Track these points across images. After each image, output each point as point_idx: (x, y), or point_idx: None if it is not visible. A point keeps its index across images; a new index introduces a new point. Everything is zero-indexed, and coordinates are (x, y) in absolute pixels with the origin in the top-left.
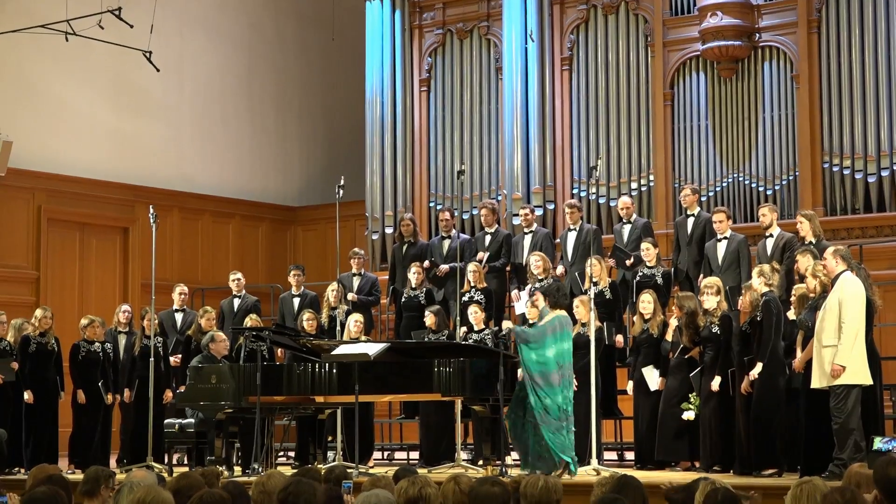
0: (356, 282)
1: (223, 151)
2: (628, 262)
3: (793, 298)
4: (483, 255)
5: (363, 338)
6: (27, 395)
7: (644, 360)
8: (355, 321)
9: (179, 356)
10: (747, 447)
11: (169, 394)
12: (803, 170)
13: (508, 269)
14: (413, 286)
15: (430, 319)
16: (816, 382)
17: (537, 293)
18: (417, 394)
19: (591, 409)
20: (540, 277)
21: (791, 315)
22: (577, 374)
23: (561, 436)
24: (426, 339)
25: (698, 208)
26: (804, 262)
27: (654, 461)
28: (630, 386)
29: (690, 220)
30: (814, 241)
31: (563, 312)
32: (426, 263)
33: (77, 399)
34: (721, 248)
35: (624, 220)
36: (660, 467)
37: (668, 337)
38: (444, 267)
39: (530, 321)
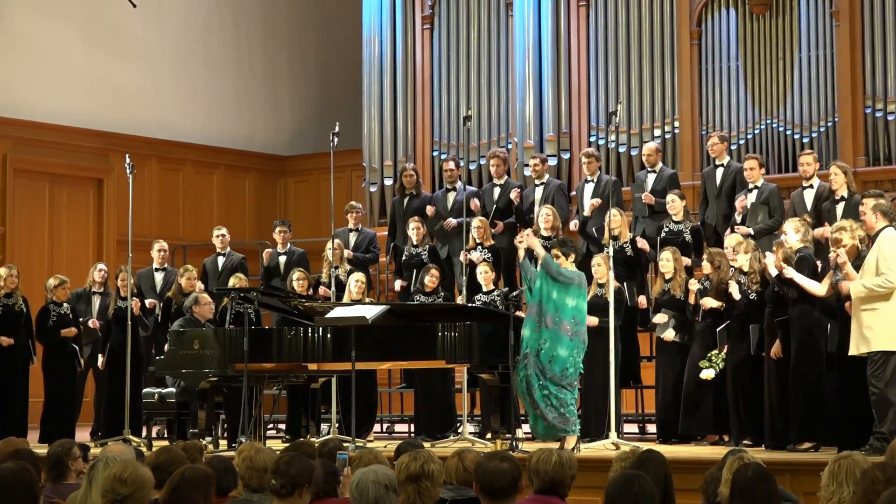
0: (353, 238)
1: (206, 95)
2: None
3: (773, 252)
4: (453, 222)
5: (367, 300)
6: None
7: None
8: (356, 281)
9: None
10: (781, 418)
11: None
12: (843, 116)
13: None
14: (414, 242)
15: (429, 279)
16: (854, 349)
17: (555, 249)
18: (420, 361)
19: (609, 376)
20: (546, 235)
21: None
22: (593, 338)
23: (564, 397)
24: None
25: (727, 157)
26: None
27: (678, 435)
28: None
29: (719, 171)
30: (846, 196)
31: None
32: (429, 210)
33: (49, 366)
34: (751, 198)
35: (648, 168)
36: (685, 441)
37: (691, 300)
38: (452, 221)
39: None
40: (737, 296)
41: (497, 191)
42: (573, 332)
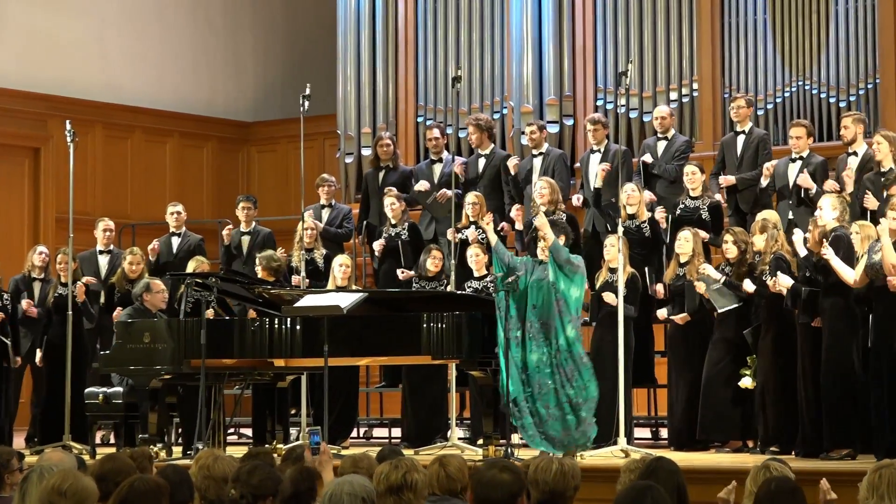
0: (325, 214)
1: (158, 53)
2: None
3: (810, 231)
4: (448, 193)
5: (354, 287)
6: None
7: (678, 312)
8: (341, 265)
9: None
10: (813, 422)
11: None
12: (886, 77)
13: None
14: (392, 221)
15: (431, 262)
16: None
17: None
18: (402, 356)
19: (618, 375)
20: (543, 210)
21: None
22: (601, 331)
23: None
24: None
25: (750, 124)
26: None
27: (695, 440)
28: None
29: (740, 139)
30: (893, 168)
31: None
32: (421, 186)
33: None
34: (794, 169)
35: (659, 134)
36: (702, 448)
37: (700, 290)
38: (447, 192)
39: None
40: (749, 289)
41: (482, 162)
42: (575, 328)
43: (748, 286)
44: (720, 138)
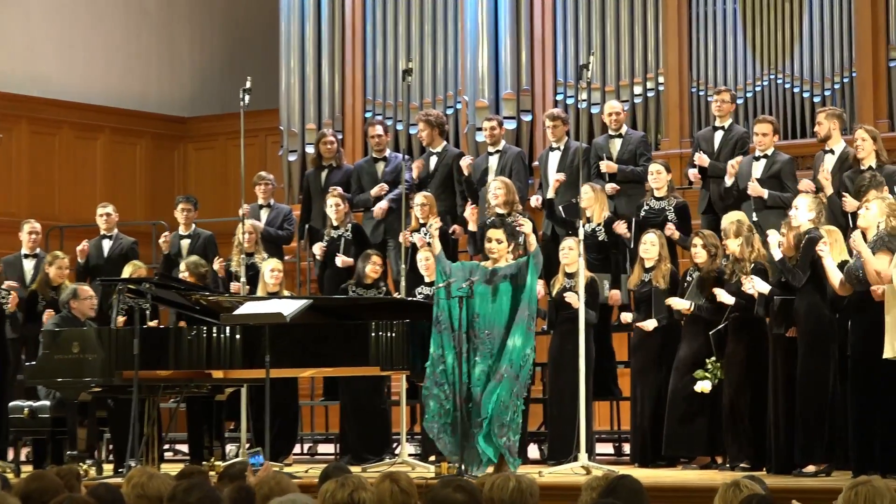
0: (264, 215)
1: (88, 44)
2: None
3: (783, 234)
4: (382, 189)
5: (286, 292)
6: None
7: (644, 319)
8: (272, 269)
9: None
10: (786, 437)
11: None
12: (862, 70)
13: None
14: (334, 223)
15: (370, 268)
16: (890, 351)
17: (498, 231)
18: (349, 367)
19: (578, 386)
20: (500, 212)
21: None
22: (560, 339)
23: (518, 408)
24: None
25: (730, 119)
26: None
27: (660, 456)
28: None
29: (718, 135)
30: (874, 167)
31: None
32: (377, 190)
33: None
34: (758, 168)
35: (612, 132)
36: (668, 464)
37: (676, 303)
38: (385, 189)
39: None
40: (727, 300)
41: (434, 161)
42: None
43: (725, 297)
44: (687, 135)
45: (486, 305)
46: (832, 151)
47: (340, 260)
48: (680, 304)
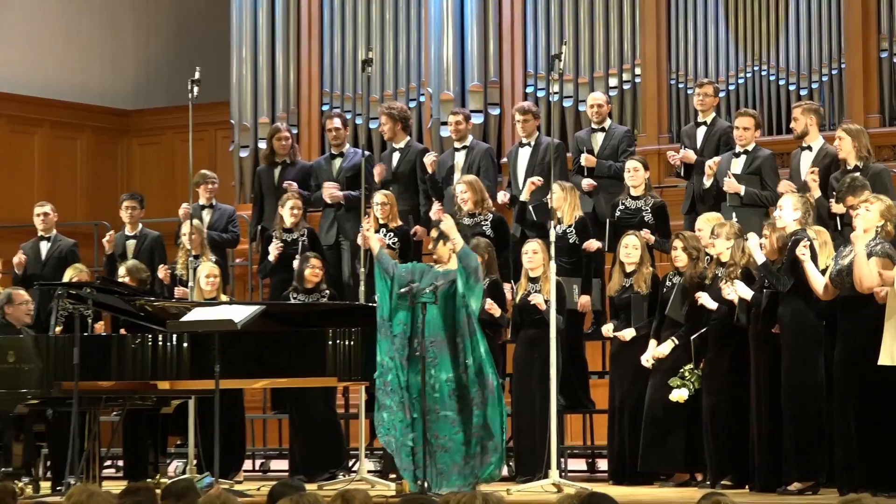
0: (207, 216)
1: (24, 31)
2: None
3: (765, 237)
4: (332, 187)
5: (223, 297)
6: None
7: (623, 328)
8: (208, 276)
9: None
10: (770, 452)
11: None
12: (852, 61)
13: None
14: (287, 225)
15: (309, 272)
16: (888, 358)
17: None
18: (304, 377)
19: (549, 398)
20: (471, 213)
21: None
22: (529, 347)
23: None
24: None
25: (713, 114)
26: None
27: (636, 473)
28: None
29: (701, 130)
30: (859, 166)
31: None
32: (329, 193)
33: None
34: (738, 165)
35: (594, 125)
36: (645, 482)
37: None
38: (336, 193)
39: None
40: (710, 305)
41: (396, 157)
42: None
43: (708, 302)
44: (665, 130)
45: (431, 311)
46: (810, 148)
47: (275, 248)
48: (709, 301)
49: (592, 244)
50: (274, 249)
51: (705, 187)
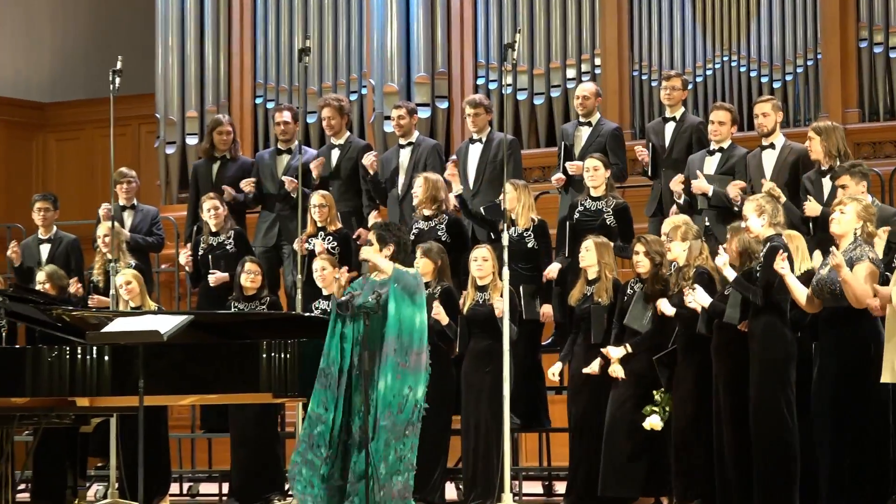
0: (128, 218)
1: None
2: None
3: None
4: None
5: (154, 306)
6: None
7: (585, 342)
8: (125, 283)
9: None
10: (739, 474)
11: None
12: (828, 51)
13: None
14: (212, 229)
15: (246, 278)
16: (889, 375)
17: (370, 233)
18: (236, 393)
19: (502, 417)
20: (426, 214)
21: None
22: (479, 361)
23: (404, 447)
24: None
25: (682, 108)
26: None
27: (596, 497)
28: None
29: (670, 127)
30: (834, 167)
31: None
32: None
33: None
34: (712, 163)
35: (581, 118)
36: None
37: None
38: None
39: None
40: (668, 311)
41: (336, 154)
42: (427, 359)
43: (666, 308)
44: (628, 125)
45: (368, 324)
46: (773, 146)
47: (213, 277)
48: (668, 308)
49: (552, 271)
50: (183, 257)
51: (678, 202)
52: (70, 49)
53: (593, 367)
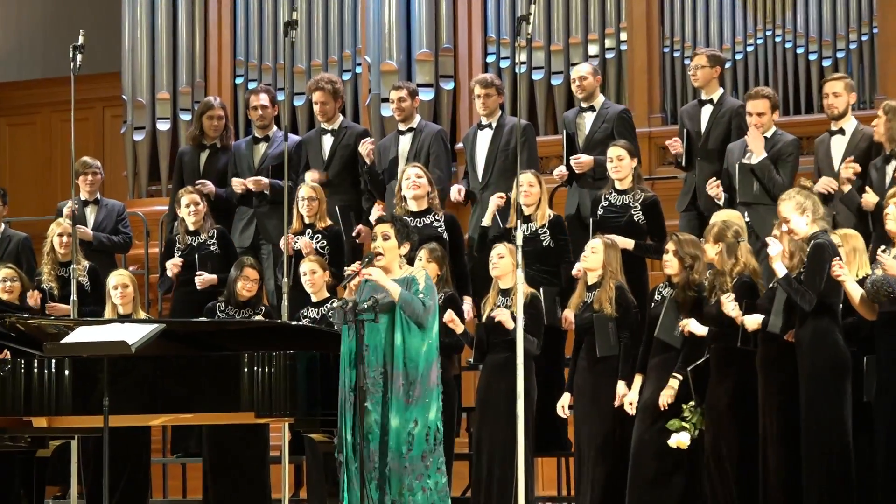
0: (91, 214)
1: None
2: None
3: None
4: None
5: (144, 316)
6: None
7: (589, 355)
8: (117, 286)
9: None
10: (786, 496)
11: None
12: (887, 24)
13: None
14: (190, 227)
15: (243, 285)
16: None
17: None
18: (213, 412)
19: (516, 437)
20: (417, 209)
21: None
22: (494, 377)
23: (428, 479)
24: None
25: (720, 90)
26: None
27: None
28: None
29: (706, 111)
30: (888, 152)
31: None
32: (252, 183)
33: None
34: (753, 155)
35: (581, 103)
36: None
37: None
38: (263, 180)
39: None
40: (698, 331)
41: (328, 141)
42: (438, 373)
43: (696, 329)
44: (658, 110)
45: (375, 333)
46: (842, 132)
47: (202, 279)
48: (698, 328)
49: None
50: (171, 266)
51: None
52: (25, 24)
53: (665, 399)
